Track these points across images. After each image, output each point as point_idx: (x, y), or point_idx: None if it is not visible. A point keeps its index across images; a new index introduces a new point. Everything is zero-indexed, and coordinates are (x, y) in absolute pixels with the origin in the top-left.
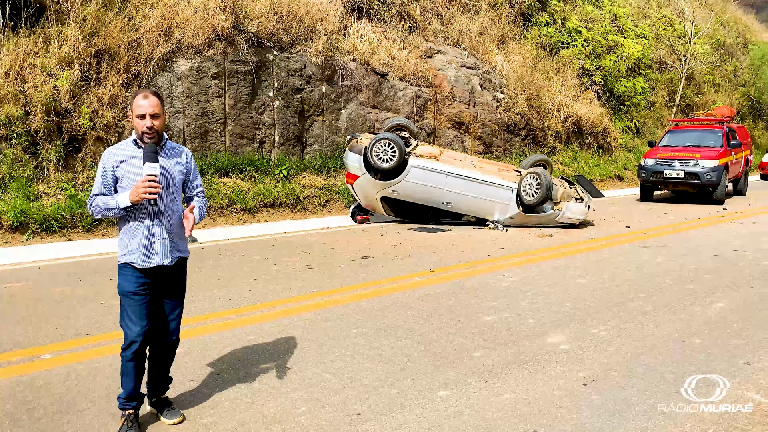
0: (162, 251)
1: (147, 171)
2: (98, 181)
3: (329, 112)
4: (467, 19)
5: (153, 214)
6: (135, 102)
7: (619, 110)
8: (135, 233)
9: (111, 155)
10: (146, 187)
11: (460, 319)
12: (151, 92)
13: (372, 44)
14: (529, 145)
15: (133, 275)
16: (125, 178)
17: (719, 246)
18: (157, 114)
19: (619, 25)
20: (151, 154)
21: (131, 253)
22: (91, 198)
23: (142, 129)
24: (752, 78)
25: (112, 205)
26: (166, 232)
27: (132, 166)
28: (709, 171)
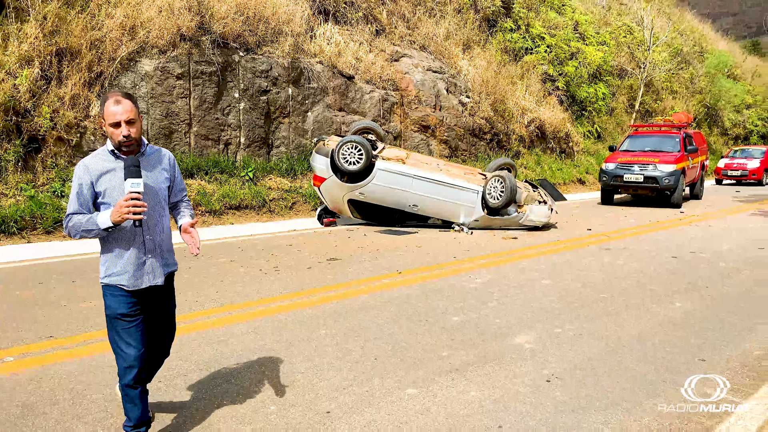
0: (154, 270)
1: (129, 188)
2: (73, 199)
3: (296, 114)
4: (433, 24)
5: (141, 232)
6: (106, 108)
7: (581, 115)
8: (122, 253)
9: (87, 169)
10: (129, 207)
11: (428, 319)
12: (123, 94)
13: (339, 47)
14: (494, 149)
15: (123, 295)
16: (107, 194)
17: (677, 248)
18: (133, 119)
19: (581, 32)
20: (133, 169)
21: (118, 274)
22: (67, 218)
23: (119, 138)
24: (708, 85)
25: (91, 225)
26: (157, 249)
27: (113, 179)
28: (667, 175)
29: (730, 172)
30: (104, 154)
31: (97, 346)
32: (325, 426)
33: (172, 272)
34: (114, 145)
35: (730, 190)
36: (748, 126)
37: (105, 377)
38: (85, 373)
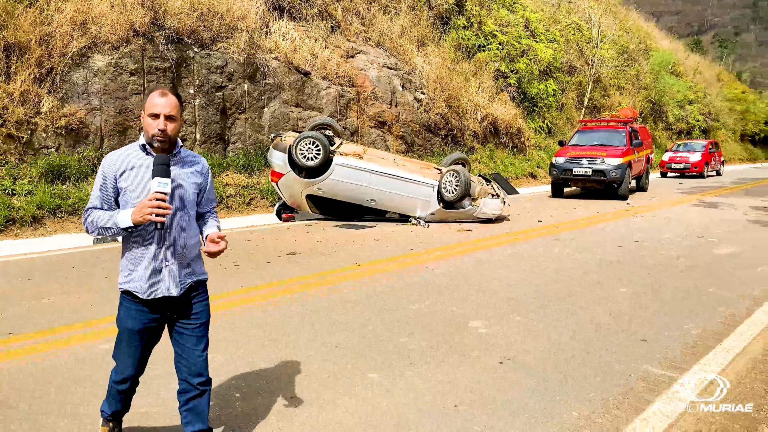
0: (171, 279)
1: (155, 187)
2: (96, 193)
3: (252, 110)
4: (388, 21)
5: (161, 236)
6: (149, 99)
7: (532, 111)
8: (139, 258)
9: (113, 162)
10: (153, 207)
11: (387, 308)
12: (171, 91)
13: (294, 43)
14: (449, 145)
15: (137, 309)
16: (129, 191)
17: (623, 238)
18: (173, 116)
19: (531, 29)
20: (162, 167)
21: (134, 280)
22: (87, 212)
23: (153, 131)
24: (653, 82)
25: (110, 223)
26: (176, 256)
27: (138, 177)
28: (614, 168)
29: (673, 165)
30: (134, 148)
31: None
32: (290, 411)
33: (199, 281)
34: (147, 138)
35: (674, 182)
36: (691, 121)
37: (68, 372)
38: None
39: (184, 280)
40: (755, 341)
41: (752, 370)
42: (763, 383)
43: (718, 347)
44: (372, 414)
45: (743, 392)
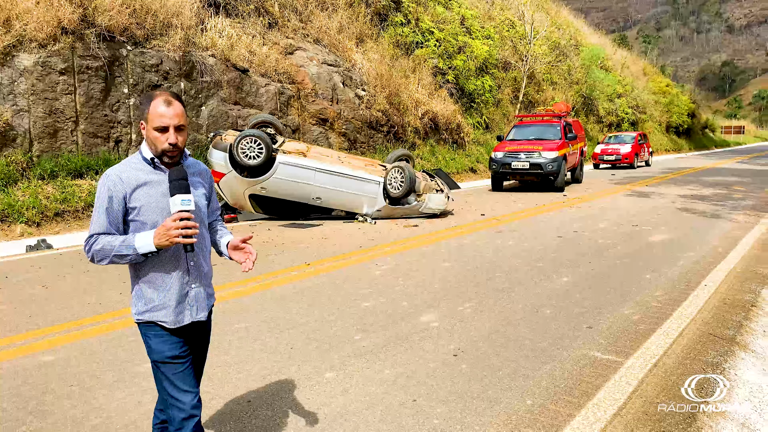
0: (198, 303)
1: (179, 206)
2: (100, 216)
3: (189, 108)
4: (326, 17)
5: (186, 258)
6: (153, 109)
7: (470, 107)
8: (162, 284)
9: (119, 179)
10: (180, 229)
11: (339, 307)
12: (173, 95)
13: (231, 40)
14: (391, 141)
15: (169, 336)
16: (144, 211)
17: (561, 228)
18: (183, 126)
19: (467, 26)
20: (181, 183)
21: (158, 308)
22: (91, 239)
23: (163, 146)
24: (584, 77)
25: (126, 249)
26: (202, 277)
27: (152, 194)
28: (551, 162)
29: (605, 157)
30: (139, 162)
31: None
32: (247, 414)
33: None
34: (155, 152)
35: (607, 173)
36: (620, 114)
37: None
38: None
39: (209, 302)
40: (692, 323)
41: (691, 351)
42: (702, 364)
43: (658, 331)
44: (330, 413)
45: (684, 373)
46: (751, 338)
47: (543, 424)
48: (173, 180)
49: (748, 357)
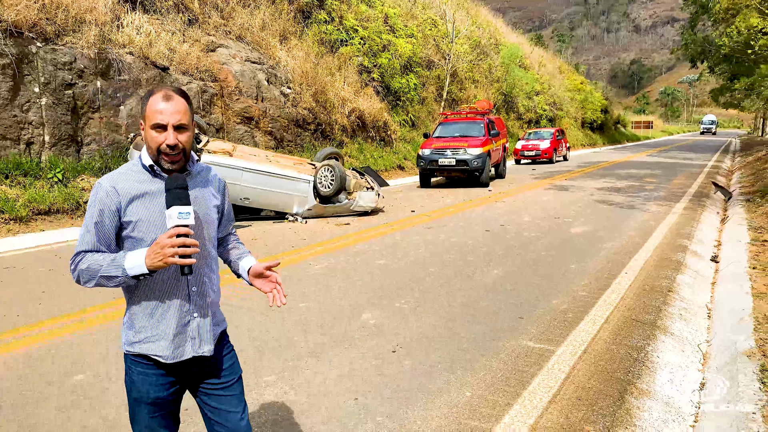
0: (201, 334)
1: (176, 220)
2: (89, 231)
3: (107, 108)
4: (248, 14)
5: (186, 282)
6: (150, 105)
7: (396, 105)
8: (158, 313)
9: (113, 189)
10: (176, 246)
11: (275, 309)
12: (175, 90)
13: (150, 37)
14: (319, 139)
15: (156, 373)
16: (140, 226)
17: (489, 223)
18: (185, 125)
19: (391, 24)
20: (180, 192)
21: (151, 340)
22: (77, 257)
23: (160, 147)
24: (504, 75)
25: (114, 270)
26: (206, 303)
27: (150, 207)
28: (476, 158)
29: (526, 153)
30: (136, 169)
31: None
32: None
33: (223, 331)
34: (152, 156)
35: (528, 168)
36: (538, 111)
37: None
38: None
39: (215, 332)
40: (616, 310)
41: (617, 336)
42: (627, 348)
43: (585, 318)
44: (271, 418)
45: (612, 358)
46: (670, 322)
47: (483, 414)
48: (170, 189)
49: (668, 339)
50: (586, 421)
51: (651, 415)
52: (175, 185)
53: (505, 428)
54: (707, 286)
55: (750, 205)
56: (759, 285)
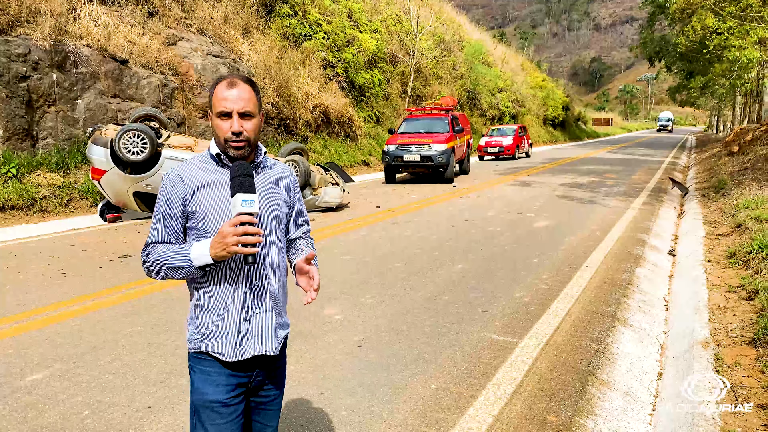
0: (263, 331)
1: (240, 208)
2: (158, 222)
3: (63, 102)
4: (210, 7)
5: (250, 274)
6: (215, 94)
7: (361, 101)
8: (219, 305)
9: (179, 178)
10: (239, 235)
11: None
12: (242, 78)
13: (108, 29)
14: (282, 134)
15: (220, 374)
16: (204, 217)
17: (453, 218)
18: (251, 113)
19: (355, 20)
20: (244, 180)
21: (213, 336)
22: (147, 248)
23: (225, 135)
24: (467, 72)
25: (181, 261)
26: (270, 300)
27: (215, 196)
28: (440, 154)
29: (489, 149)
30: (204, 159)
31: None
32: (147, 421)
33: (286, 335)
34: (219, 145)
35: (491, 164)
36: (501, 107)
37: None
38: None
39: (279, 332)
40: (577, 303)
41: (578, 328)
42: (588, 340)
43: (548, 311)
44: None
45: (573, 349)
46: (629, 314)
47: (448, 406)
48: (234, 176)
49: (627, 331)
50: (548, 412)
51: (611, 404)
52: (240, 173)
53: (470, 419)
54: (665, 279)
55: (705, 200)
56: (713, 277)
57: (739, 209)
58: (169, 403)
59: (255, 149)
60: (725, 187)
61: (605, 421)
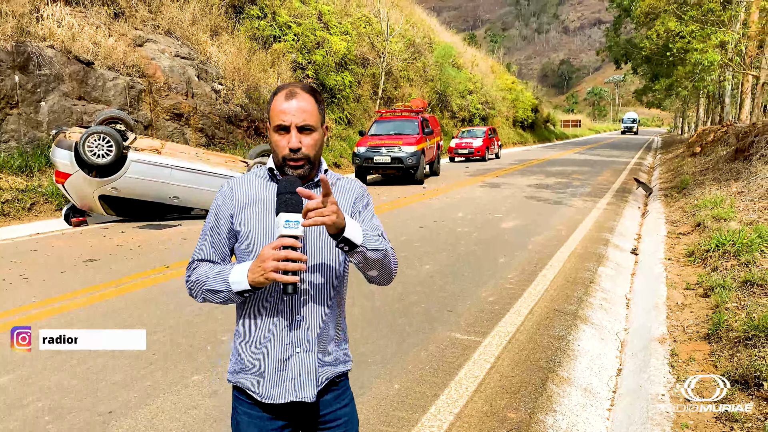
0: (303, 375)
1: (282, 230)
2: (205, 238)
3: (26, 104)
4: (177, 8)
5: (291, 305)
6: (273, 105)
7: (332, 102)
8: (257, 338)
9: (230, 193)
10: (279, 260)
11: (203, 308)
12: (303, 87)
13: (72, 30)
14: (252, 137)
15: (261, 417)
16: (250, 238)
17: (423, 219)
18: (311, 127)
19: (325, 21)
20: (291, 198)
21: (248, 372)
22: (190, 267)
23: (283, 152)
24: (438, 74)
25: (219, 283)
26: (315, 339)
27: (261, 216)
28: (410, 156)
29: (460, 151)
30: (260, 173)
31: None
32: (109, 426)
33: (343, 373)
34: (276, 161)
35: (461, 166)
36: (471, 109)
37: None
38: None
39: (323, 375)
40: (540, 301)
41: (540, 327)
42: (550, 338)
43: (511, 310)
44: (199, 416)
45: (535, 347)
46: (591, 312)
47: (410, 405)
48: (280, 193)
49: (588, 328)
50: (509, 409)
51: (570, 400)
52: (286, 189)
53: (432, 418)
54: (627, 277)
55: (668, 200)
56: (673, 275)
57: (699, 209)
58: (133, 407)
59: (316, 167)
60: (687, 187)
61: (564, 417)
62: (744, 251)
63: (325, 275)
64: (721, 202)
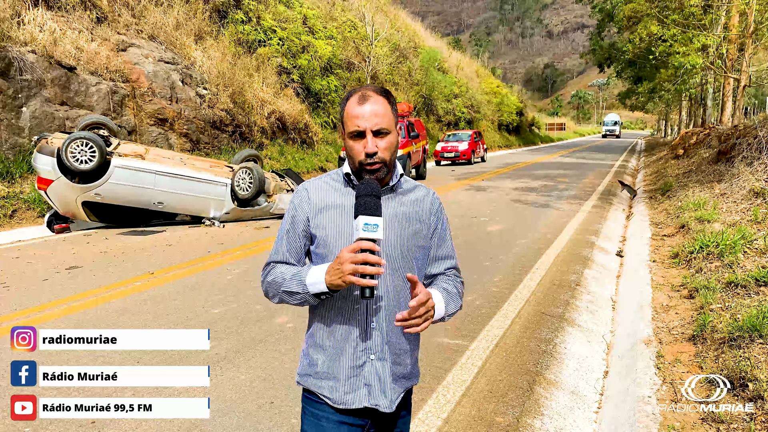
0: (379, 382)
1: (361, 233)
2: (281, 240)
3: (7, 110)
4: (161, 13)
5: (366, 311)
6: (346, 110)
7: (317, 107)
8: (332, 343)
9: (306, 196)
10: (357, 263)
11: (187, 315)
12: (376, 90)
13: (54, 35)
14: (237, 141)
15: (329, 420)
16: (327, 242)
17: None
18: (386, 130)
19: (310, 26)
20: (370, 201)
21: (322, 377)
22: (266, 268)
23: (360, 157)
24: (423, 78)
25: (296, 285)
26: (387, 346)
27: (338, 221)
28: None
29: (445, 154)
30: (335, 177)
31: None
32: (94, 429)
33: (410, 389)
34: (352, 166)
35: (447, 169)
36: (457, 113)
37: None
38: None
39: (399, 386)
40: (527, 305)
41: (527, 330)
42: (537, 341)
43: (498, 313)
44: (184, 424)
45: (522, 351)
46: (577, 314)
47: None
48: (359, 196)
49: (574, 331)
50: (496, 413)
51: (557, 403)
52: (366, 191)
53: (419, 423)
54: (612, 280)
55: (652, 202)
56: (657, 277)
57: (682, 210)
58: (113, 417)
59: (392, 170)
60: (671, 189)
61: (552, 420)
62: (727, 252)
63: (399, 285)
64: (704, 203)
